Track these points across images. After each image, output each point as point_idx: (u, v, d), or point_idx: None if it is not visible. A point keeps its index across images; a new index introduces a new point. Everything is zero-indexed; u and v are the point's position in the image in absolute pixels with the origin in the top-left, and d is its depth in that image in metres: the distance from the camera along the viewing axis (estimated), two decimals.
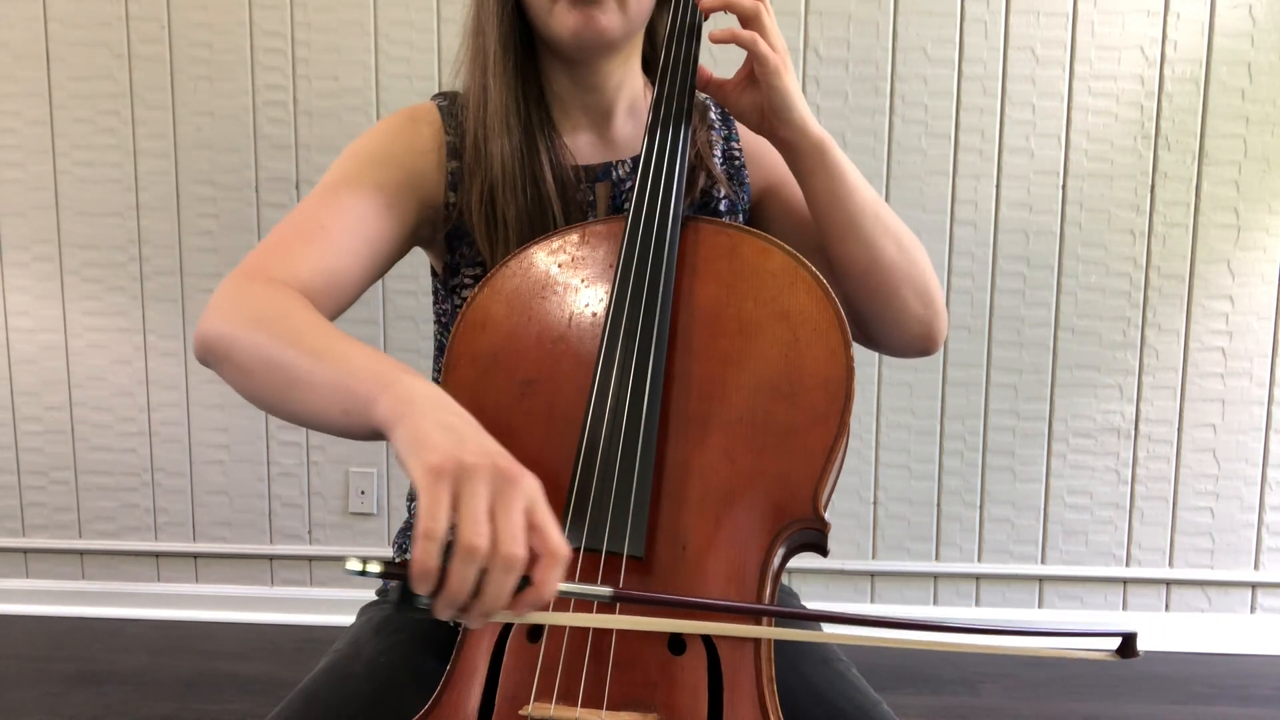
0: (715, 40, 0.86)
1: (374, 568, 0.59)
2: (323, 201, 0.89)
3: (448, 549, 0.58)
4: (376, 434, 0.69)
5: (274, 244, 0.86)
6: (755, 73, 0.87)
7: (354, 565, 0.59)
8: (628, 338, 0.78)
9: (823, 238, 0.93)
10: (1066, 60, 2.20)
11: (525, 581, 0.61)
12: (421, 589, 0.59)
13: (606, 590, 0.67)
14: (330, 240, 0.86)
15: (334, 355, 0.72)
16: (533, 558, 0.60)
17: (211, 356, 0.79)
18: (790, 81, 0.86)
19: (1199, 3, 2.17)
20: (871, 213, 0.91)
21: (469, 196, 0.93)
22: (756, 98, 0.88)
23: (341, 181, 0.91)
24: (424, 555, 0.58)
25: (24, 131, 2.33)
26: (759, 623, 0.71)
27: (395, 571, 0.59)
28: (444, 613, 0.60)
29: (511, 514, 0.59)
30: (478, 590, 0.59)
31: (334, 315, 0.87)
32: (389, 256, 0.93)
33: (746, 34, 0.85)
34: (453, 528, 0.59)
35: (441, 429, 0.63)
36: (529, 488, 0.61)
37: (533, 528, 0.61)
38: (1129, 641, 0.73)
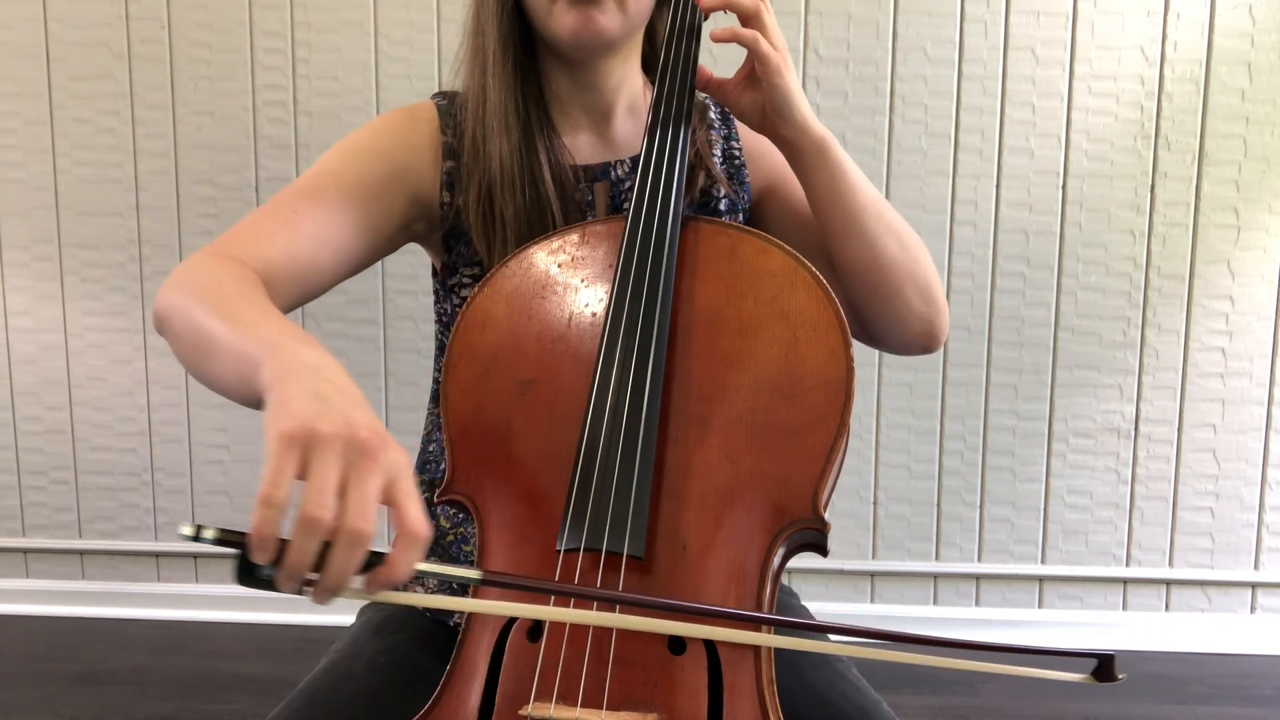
0: (716, 39, 0.86)
1: (209, 534, 0.56)
2: (303, 188, 0.90)
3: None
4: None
5: (246, 224, 0.87)
6: (756, 72, 0.87)
7: (186, 530, 0.56)
8: (628, 337, 0.78)
9: (824, 236, 0.93)
10: (1066, 60, 2.20)
11: (379, 558, 0.58)
12: (259, 558, 0.56)
13: (474, 573, 0.65)
14: (301, 225, 0.87)
15: (245, 324, 0.71)
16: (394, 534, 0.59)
17: (158, 322, 0.80)
18: (791, 80, 0.86)
19: (1199, 3, 2.17)
20: (873, 211, 0.91)
21: (466, 196, 0.93)
22: (758, 97, 0.88)
23: (326, 170, 0.92)
24: (261, 523, 0.55)
25: (24, 131, 2.33)
26: (753, 628, 0.71)
27: (232, 539, 0.57)
28: (286, 585, 0.58)
29: (364, 488, 0.57)
30: (321, 565, 0.57)
31: (296, 301, 0.87)
32: (367, 249, 0.92)
33: (748, 33, 0.85)
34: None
35: (309, 397, 0.60)
36: (390, 462, 0.58)
37: (390, 504, 0.58)
38: (1106, 664, 0.70)
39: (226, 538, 0.57)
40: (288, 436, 0.57)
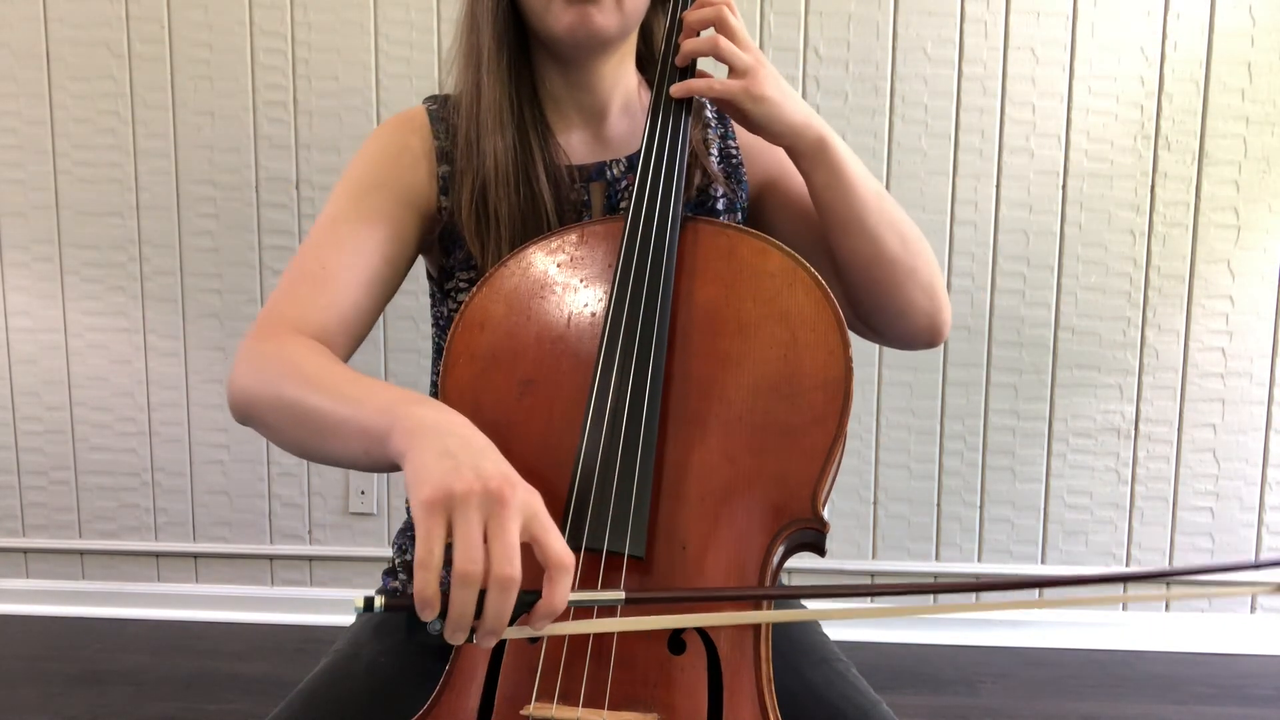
0: (676, 95, 0.89)
1: (378, 603, 0.61)
2: (322, 240, 0.91)
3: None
4: (397, 467, 0.71)
5: (281, 294, 0.88)
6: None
7: (360, 604, 0.62)
8: (627, 338, 0.78)
9: (825, 232, 0.93)
10: (1066, 60, 2.20)
11: (535, 595, 0.62)
12: (426, 616, 0.60)
13: (619, 595, 0.67)
14: (333, 280, 0.88)
15: (347, 399, 0.74)
16: (540, 571, 0.62)
17: (243, 418, 0.83)
18: (767, 94, 0.86)
19: (1199, 3, 2.17)
20: (874, 207, 0.91)
21: (459, 196, 0.93)
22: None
23: (338, 216, 0.92)
24: (421, 585, 0.60)
25: (24, 131, 2.33)
26: (759, 608, 0.71)
27: (401, 603, 0.61)
28: (454, 636, 0.61)
29: (505, 535, 0.60)
30: (480, 611, 0.60)
31: (352, 349, 0.91)
32: (395, 278, 0.95)
33: (700, 83, 0.87)
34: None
35: (438, 457, 0.64)
36: (523, 503, 0.62)
37: (534, 541, 0.61)
38: None
39: (397, 604, 0.62)
40: (429, 503, 0.61)
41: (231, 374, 0.83)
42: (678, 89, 0.89)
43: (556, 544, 0.62)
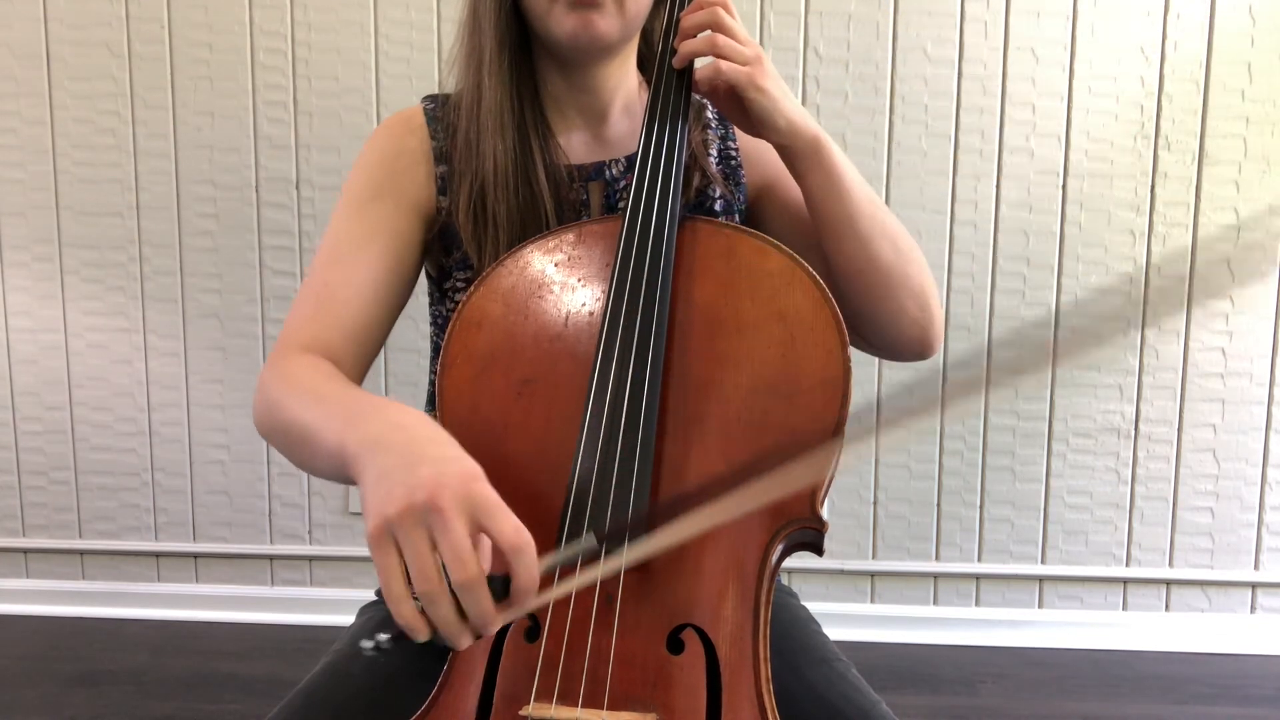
0: (679, 65, 0.90)
1: (384, 639, 0.61)
2: (325, 258, 0.92)
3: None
4: None
5: (293, 317, 0.90)
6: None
7: (368, 644, 0.62)
8: (626, 336, 0.78)
9: (819, 236, 0.93)
10: (1066, 60, 2.20)
11: (507, 578, 0.61)
12: (421, 638, 0.61)
13: (590, 541, 0.67)
14: (336, 298, 0.90)
15: (320, 420, 0.75)
16: (502, 555, 0.61)
17: (266, 440, 0.86)
18: (770, 87, 0.86)
19: (1199, 3, 2.17)
20: (868, 213, 0.91)
21: (457, 197, 0.93)
22: (743, 105, 0.89)
23: (340, 232, 0.93)
24: (399, 616, 0.60)
25: (24, 131, 2.33)
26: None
27: (400, 634, 0.62)
28: (460, 642, 0.61)
29: (450, 540, 0.59)
30: (465, 614, 0.61)
31: (366, 361, 0.93)
32: (404, 285, 0.96)
33: (719, 64, 0.87)
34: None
35: (375, 484, 0.63)
36: (459, 500, 0.60)
37: (484, 531, 0.61)
38: None
39: (397, 636, 0.62)
40: (373, 539, 0.61)
41: (254, 401, 0.86)
42: (680, 59, 0.89)
43: (505, 527, 0.60)
